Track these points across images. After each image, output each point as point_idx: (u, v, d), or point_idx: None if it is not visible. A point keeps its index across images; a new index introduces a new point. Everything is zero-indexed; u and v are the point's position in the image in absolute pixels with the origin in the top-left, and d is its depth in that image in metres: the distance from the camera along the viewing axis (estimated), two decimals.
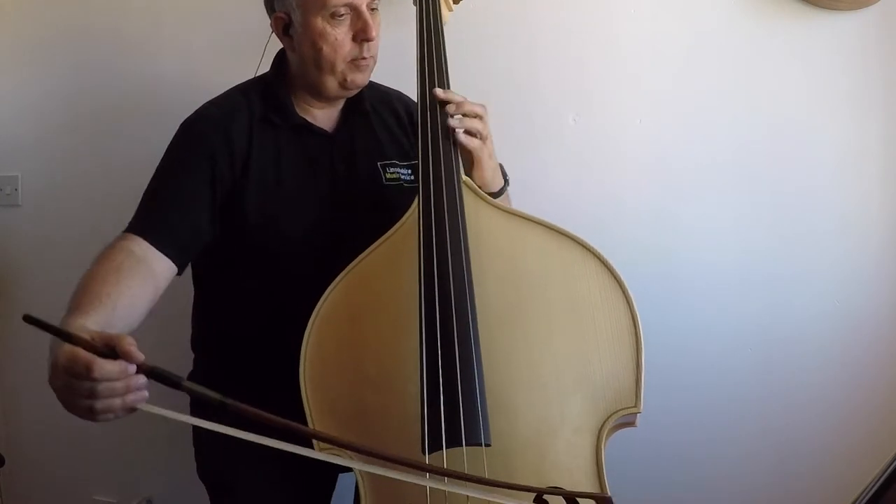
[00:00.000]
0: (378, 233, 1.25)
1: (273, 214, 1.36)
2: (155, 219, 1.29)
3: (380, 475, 0.93)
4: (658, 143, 1.71)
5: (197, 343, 1.50)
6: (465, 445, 1.06)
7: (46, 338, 2.25)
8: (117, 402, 0.93)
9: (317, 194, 1.39)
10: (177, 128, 1.41)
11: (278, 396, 1.20)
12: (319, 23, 1.32)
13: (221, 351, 1.45)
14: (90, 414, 0.93)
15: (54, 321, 2.18)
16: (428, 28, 1.39)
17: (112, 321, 1.08)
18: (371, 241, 1.24)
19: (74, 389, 0.93)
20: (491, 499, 0.94)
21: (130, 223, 1.30)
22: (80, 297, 1.11)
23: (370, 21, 1.33)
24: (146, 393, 0.95)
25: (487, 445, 1.08)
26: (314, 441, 1.07)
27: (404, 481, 0.92)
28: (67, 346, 0.93)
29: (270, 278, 1.37)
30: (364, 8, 1.33)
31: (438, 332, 1.12)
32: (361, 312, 1.21)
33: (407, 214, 1.26)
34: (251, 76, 1.50)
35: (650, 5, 1.70)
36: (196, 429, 1.46)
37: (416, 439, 1.07)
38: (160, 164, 1.37)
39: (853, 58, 1.63)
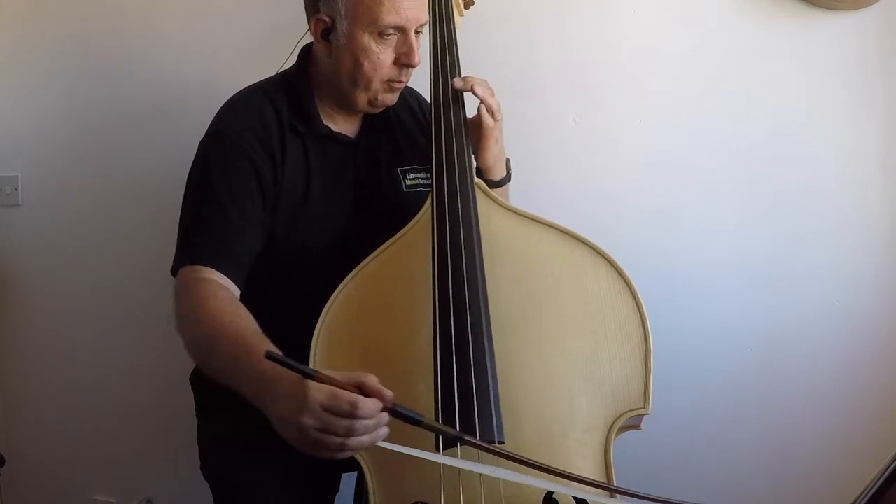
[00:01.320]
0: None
1: (301, 224, 1.34)
2: (221, 249, 1.25)
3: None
4: (658, 143, 1.71)
5: None
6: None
7: (46, 339, 2.24)
8: (366, 438, 0.95)
9: (342, 203, 1.38)
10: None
11: None
12: (366, 39, 1.29)
13: None
14: (338, 451, 0.96)
15: (56, 325, 2.18)
16: (441, 33, 1.39)
17: None
18: None
19: (331, 428, 0.94)
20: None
21: (192, 251, 1.25)
22: (243, 339, 1.09)
23: (415, 47, 1.31)
24: (388, 429, 0.97)
25: (501, 443, 1.08)
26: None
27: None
28: (320, 385, 0.94)
29: (292, 287, 1.35)
30: (412, 33, 1.31)
31: (452, 330, 1.13)
32: (372, 310, 1.22)
33: (419, 215, 1.26)
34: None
35: (650, 6, 1.70)
36: (201, 427, 1.46)
37: (429, 436, 1.07)
38: (199, 178, 1.32)
39: (853, 58, 1.63)
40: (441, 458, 1.02)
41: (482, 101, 1.34)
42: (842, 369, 1.66)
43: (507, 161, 1.43)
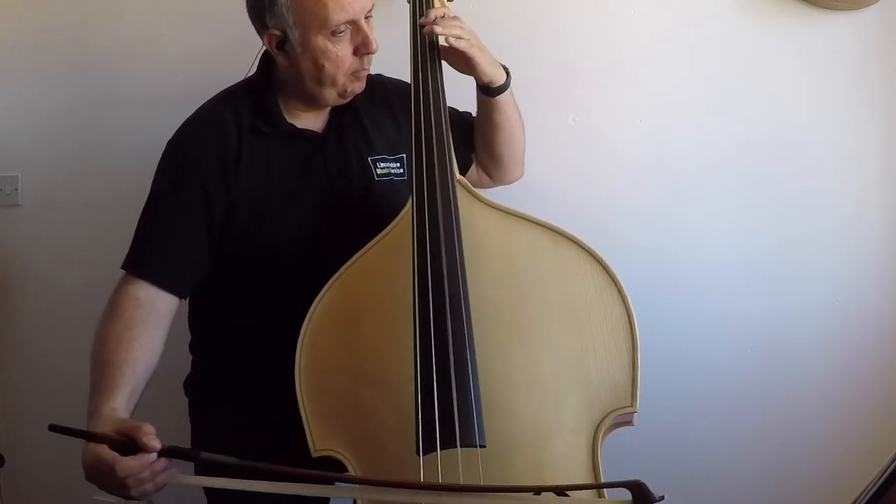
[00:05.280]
0: (373, 231, 1.25)
1: (267, 223, 1.36)
2: (153, 258, 1.32)
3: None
4: (658, 143, 1.71)
5: (195, 347, 1.49)
6: (460, 447, 1.06)
7: (46, 339, 2.23)
8: (148, 486, 1.05)
9: (312, 197, 1.38)
10: (176, 127, 1.40)
11: (276, 400, 1.20)
12: (320, 41, 1.30)
13: (220, 355, 1.45)
14: (129, 498, 1.06)
15: (56, 325, 2.18)
16: (420, 35, 1.38)
17: (137, 384, 1.21)
18: (367, 240, 1.24)
19: (107, 483, 1.06)
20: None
21: (129, 260, 1.34)
22: (101, 374, 1.19)
23: (370, 35, 1.32)
24: (174, 469, 1.06)
25: (482, 447, 1.08)
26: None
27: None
28: (91, 446, 1.06)
29: (268, 283, 1.36)
30: (363, 22, 1.32)
31: (433, 332, 1.12)
32: (356, 313, 1.21)
33: (401, 214, 1.25)
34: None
35: (650, 5, 1.70)
36: (193, 433, 1.47)
37: (411, 440, 1.07)
38: (152, 190, 1.38)
39: (853, 58, 1.63)
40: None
41: (445, 38, 1.35)
42: (842, 369, 1.66)
43: (504, 67, 1.44)
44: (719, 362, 1.70)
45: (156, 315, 1.28)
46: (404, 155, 1.45)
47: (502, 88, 1.42)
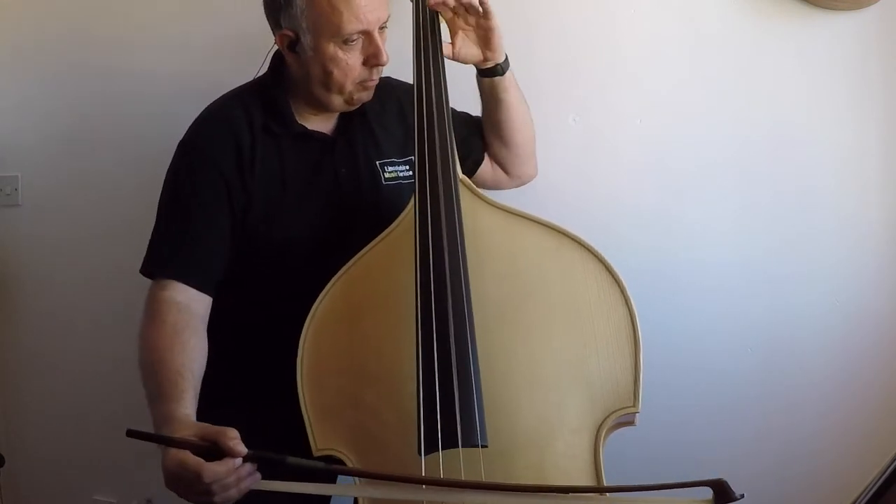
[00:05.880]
0: (380, 234, 1.25)
1: (278, 223, 1.36)
2: (184, 257, 1.31)
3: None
4: (658, 143, 1.71)
5: None
6: (462, 447, 1.07)
7: (46, 339, 2.23)
8: (233, 492, 1.02)
9: (321, 200, 1.39)
10: (178, 127, 1.40)
11: (283, 399, 1.20)
12: (331, 48, 1.30)
13: (225, 354, 1.44)
14: None
15: (56, 325, 2.18)
16: (424, 27, 1.38)
17: (196, 388, 1.19)
18: None
19: (189, 490, 1.03)
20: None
21: (157, 262, 1.32)
22: (161, 380, 1.17)
23: (382, 47, 1.32)
24: (258, 475, 1.04)
25: (484, 446, 1.08)
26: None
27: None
28: (173, 451, 1.03)
29: (277, 283, 1.37)
30: (376, 33, 1.32)
31: (435, 332, 1.12)
32: (358, 313, 1.21)
33: (404, 213, 1.26)
34: (251, 77, 1.48)
35: (650, 5, 1.70)
36: None
37: (413, 440, 1.07)
38: (170, 190, 1.37)
39: (853, 58, 1.63)
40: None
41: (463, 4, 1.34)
42: (842, 369, 1.66)
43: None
44: (719, 362, 1.70)
45: (196, 318, 1.27)
46: (413, 157, 1.45)
47: (506, 65, 1.43)
